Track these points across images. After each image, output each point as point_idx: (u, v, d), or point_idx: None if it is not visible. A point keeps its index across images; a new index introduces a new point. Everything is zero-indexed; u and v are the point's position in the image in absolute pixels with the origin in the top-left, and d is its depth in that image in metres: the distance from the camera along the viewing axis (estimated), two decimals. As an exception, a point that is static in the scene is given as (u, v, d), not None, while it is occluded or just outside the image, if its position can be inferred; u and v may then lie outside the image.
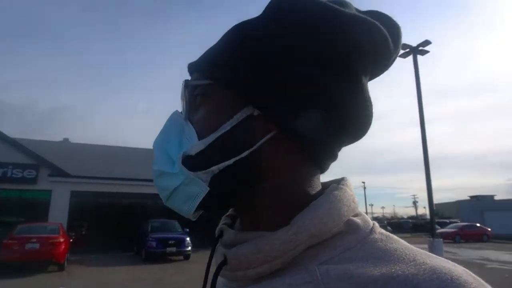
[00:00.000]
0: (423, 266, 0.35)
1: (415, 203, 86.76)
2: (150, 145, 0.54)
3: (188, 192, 0.45)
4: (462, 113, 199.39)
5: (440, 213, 53.55)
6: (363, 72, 0.46)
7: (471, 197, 44.33)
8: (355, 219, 0.44)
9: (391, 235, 0.43)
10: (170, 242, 13.35)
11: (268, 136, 0.44)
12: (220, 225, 0.52)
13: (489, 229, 27.10)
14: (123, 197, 17.28)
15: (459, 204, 43.85)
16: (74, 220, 16.27)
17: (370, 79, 0.50)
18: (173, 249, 13.35)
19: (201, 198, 0.44)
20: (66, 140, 24.74)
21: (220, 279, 0.48)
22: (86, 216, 16.76)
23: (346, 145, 0.49)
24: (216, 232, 0.51)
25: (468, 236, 25.80)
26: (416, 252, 0.39)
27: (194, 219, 0.50)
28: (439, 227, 27.41)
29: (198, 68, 0.49)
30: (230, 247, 0.45)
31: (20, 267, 10.40)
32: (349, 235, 0.41)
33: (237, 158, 0.43)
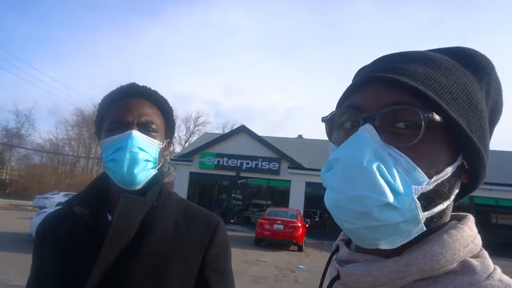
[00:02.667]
0: None
1: None
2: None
3: (402, 228, 0.41)
4: None
5: None
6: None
7: None
8: (473, 260, 0.42)
9: None
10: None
11: (459, 184, 0.48)
12: (338, 240, 0.54)
13: None
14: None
15: None
16: (308, 207, 18.31)
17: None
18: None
19: (412, 237, 0.42)
20: (300, 136, 27.99)
21: None
22: (318, 205, 18.48)
23: None
24: (334, 246, 0.54)
25: None
26: None
27: (373, 247, 0.44)
28: None
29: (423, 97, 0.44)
30: (343, 263, 0.48)
31: (269, 242, 12.62)
32: (462, 276, 0.41)
33: (449, 202, 0.46)
